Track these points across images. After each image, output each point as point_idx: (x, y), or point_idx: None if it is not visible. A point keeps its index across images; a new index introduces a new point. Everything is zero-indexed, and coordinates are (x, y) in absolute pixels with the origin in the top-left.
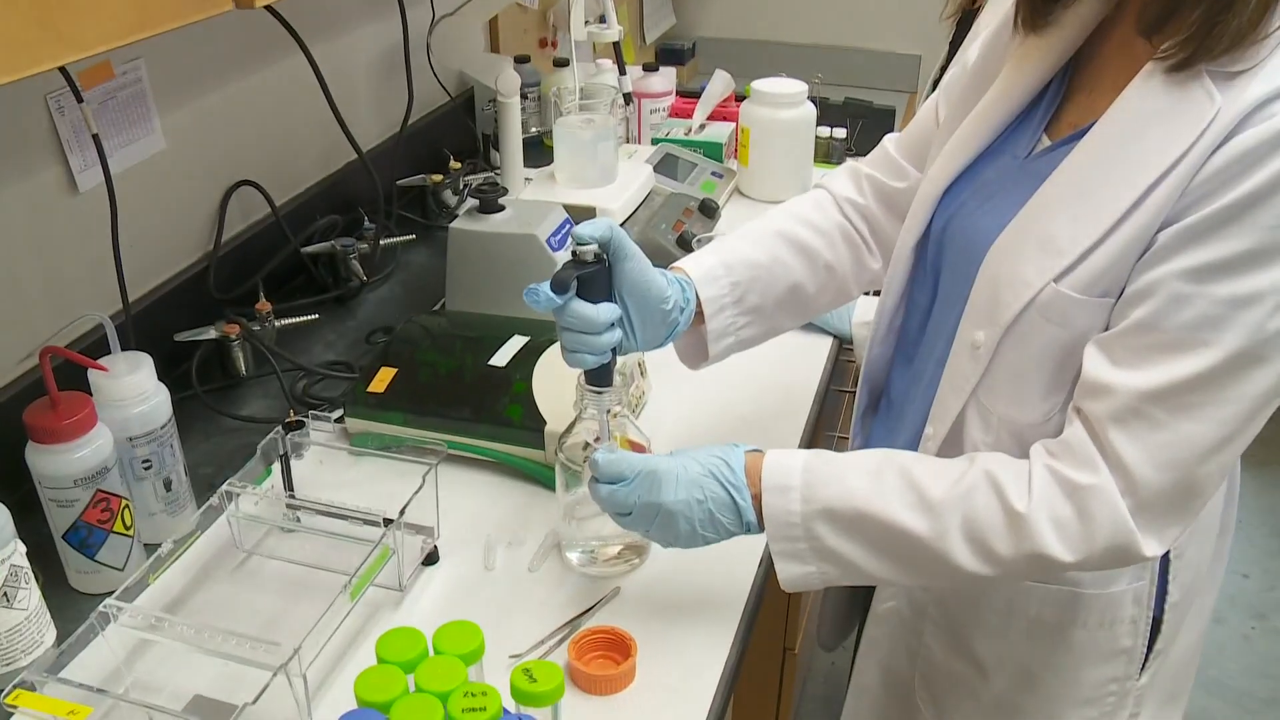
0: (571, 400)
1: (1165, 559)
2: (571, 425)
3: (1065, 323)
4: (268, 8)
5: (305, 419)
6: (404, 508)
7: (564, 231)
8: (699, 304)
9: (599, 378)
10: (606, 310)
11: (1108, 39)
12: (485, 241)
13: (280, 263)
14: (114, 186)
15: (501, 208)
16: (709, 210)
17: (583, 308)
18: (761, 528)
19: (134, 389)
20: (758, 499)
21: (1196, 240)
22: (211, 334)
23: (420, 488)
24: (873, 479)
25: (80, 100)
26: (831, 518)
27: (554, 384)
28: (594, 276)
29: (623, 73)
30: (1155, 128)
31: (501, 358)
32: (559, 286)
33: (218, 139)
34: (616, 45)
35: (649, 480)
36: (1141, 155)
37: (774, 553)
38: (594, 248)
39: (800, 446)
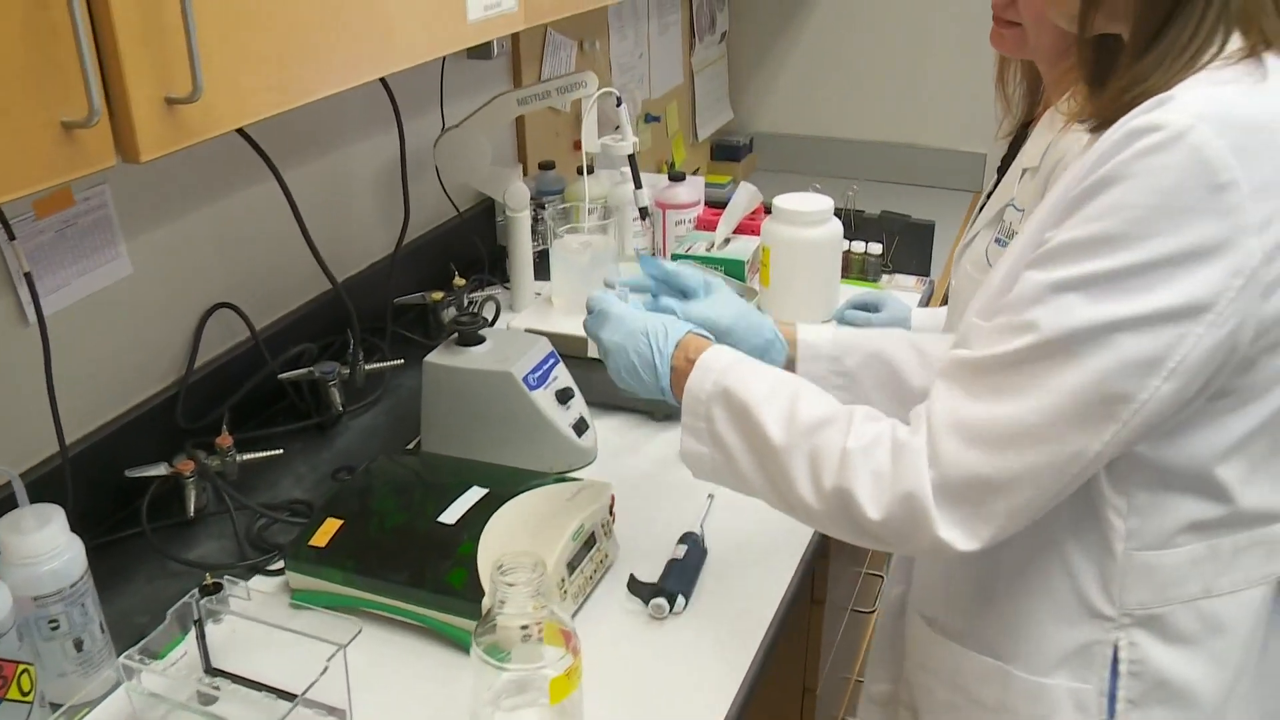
0: None
1: (1115, 668)
2: (489, 615)
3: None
4: (239, 131)
5: (223, 581)
6: (305, 692)
7: (545, 367)
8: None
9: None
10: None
11: None
12: (459, 377)
13: (260, 388)
14: (49, 321)
15: (481, 339)
16: None
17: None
18: (676, 400)
19: (42, 546)
20: (686, 372)
21: (1043, 231)
22: (163, 470)
23: (324, 671)
24: (770, 385)
25: (12, 238)
26: (727, 403)
27: (503, 547)
28: None
29: (639, 186)
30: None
31: (453, 514)
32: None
33: (193, 261)
34: (632, 158)
35: (600, 318)
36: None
37: (683, 425)
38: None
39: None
